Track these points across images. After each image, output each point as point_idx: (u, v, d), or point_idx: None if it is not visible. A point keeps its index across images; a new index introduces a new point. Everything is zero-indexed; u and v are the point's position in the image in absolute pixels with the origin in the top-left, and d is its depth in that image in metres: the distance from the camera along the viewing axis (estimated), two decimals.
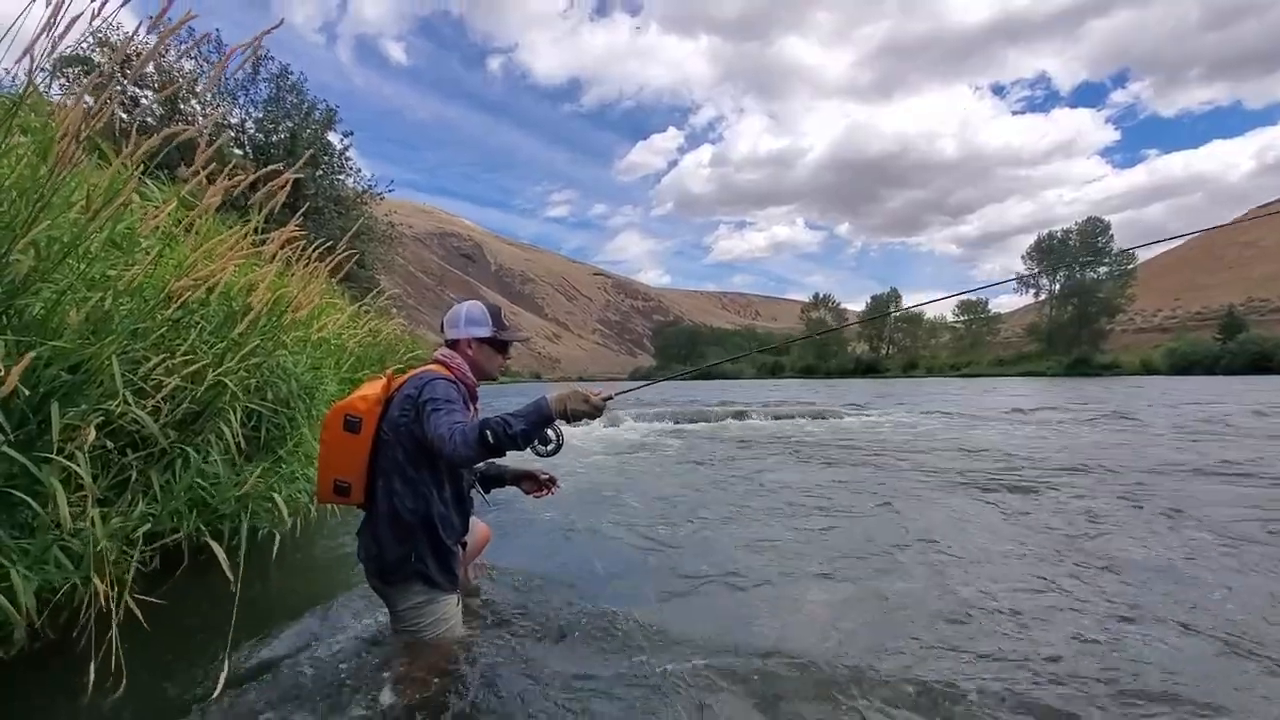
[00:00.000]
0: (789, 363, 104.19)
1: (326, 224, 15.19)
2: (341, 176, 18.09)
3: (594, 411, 1.89)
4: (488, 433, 1.77)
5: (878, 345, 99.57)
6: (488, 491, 2.61)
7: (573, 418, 1.88)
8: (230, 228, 3.29)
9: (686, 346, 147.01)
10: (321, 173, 16.99)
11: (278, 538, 2.87)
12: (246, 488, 2.67)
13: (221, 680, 1.74)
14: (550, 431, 2.03)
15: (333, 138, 17.80)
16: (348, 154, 18.10)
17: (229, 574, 2.04)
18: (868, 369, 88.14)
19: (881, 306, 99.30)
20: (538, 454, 2.09)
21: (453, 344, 2.23)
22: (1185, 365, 59.31)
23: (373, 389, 2.10)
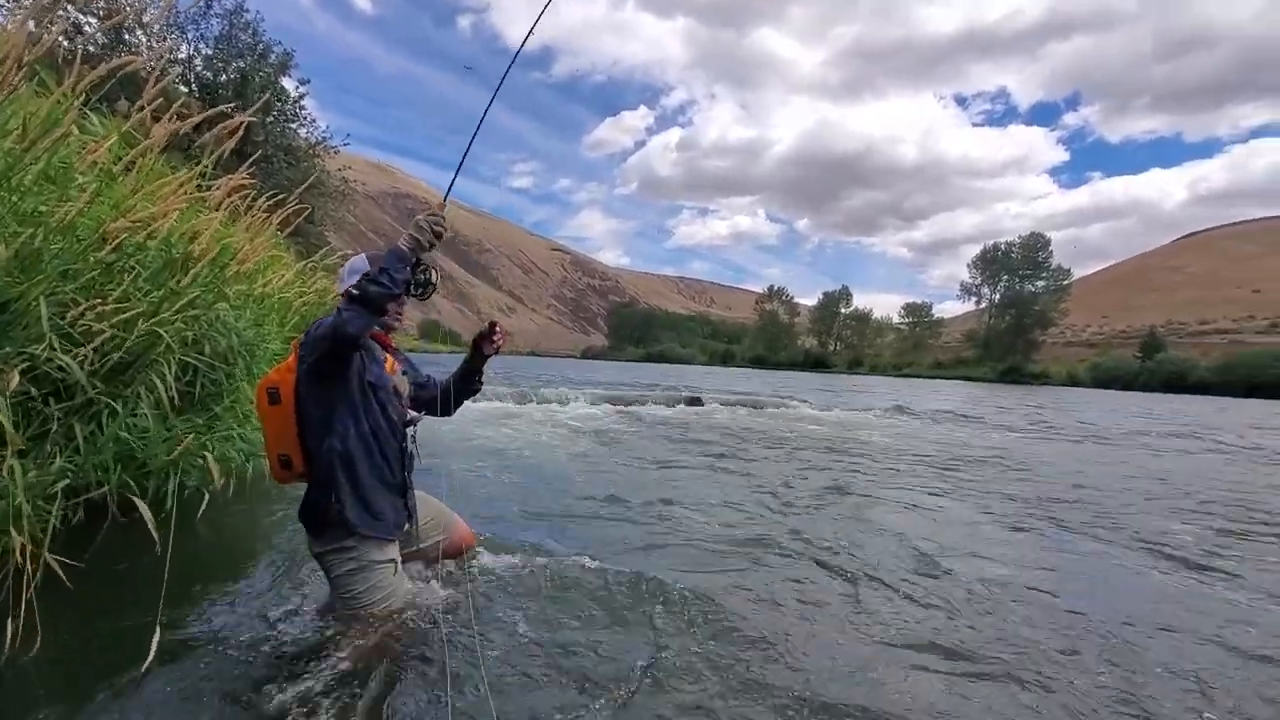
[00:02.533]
0: (740, 352, 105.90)
1: (275, 174, 14.52)
2: (294, 125, 17.30)
3: (432, 228, 1.95)
4: (351, 290, 1.87)
5: (826, 341, 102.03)
6: (462, 400, 2.49)
7: (421, 246, 1.94)
8: (174, 170, 3.13)
9: (640, 329, 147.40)
10: (273, 120, 16.21)
11: (206, 497, 2.78)
12: (181, 448, 2.57)
13: (154, 646, 1.68)
14: (421, 275, 2.04)
15: (287, 83, 16.98)
16: (302, 102, 17.31)
17: (154, 533, 1.98)
18: (816, 363, 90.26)
19: (833, 303, 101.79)
20: (417, 296, 2.11)
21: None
22: (1107, 380, 62.96)
23: (287, 359, 2.12)
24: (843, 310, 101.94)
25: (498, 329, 2.42)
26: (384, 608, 2.07)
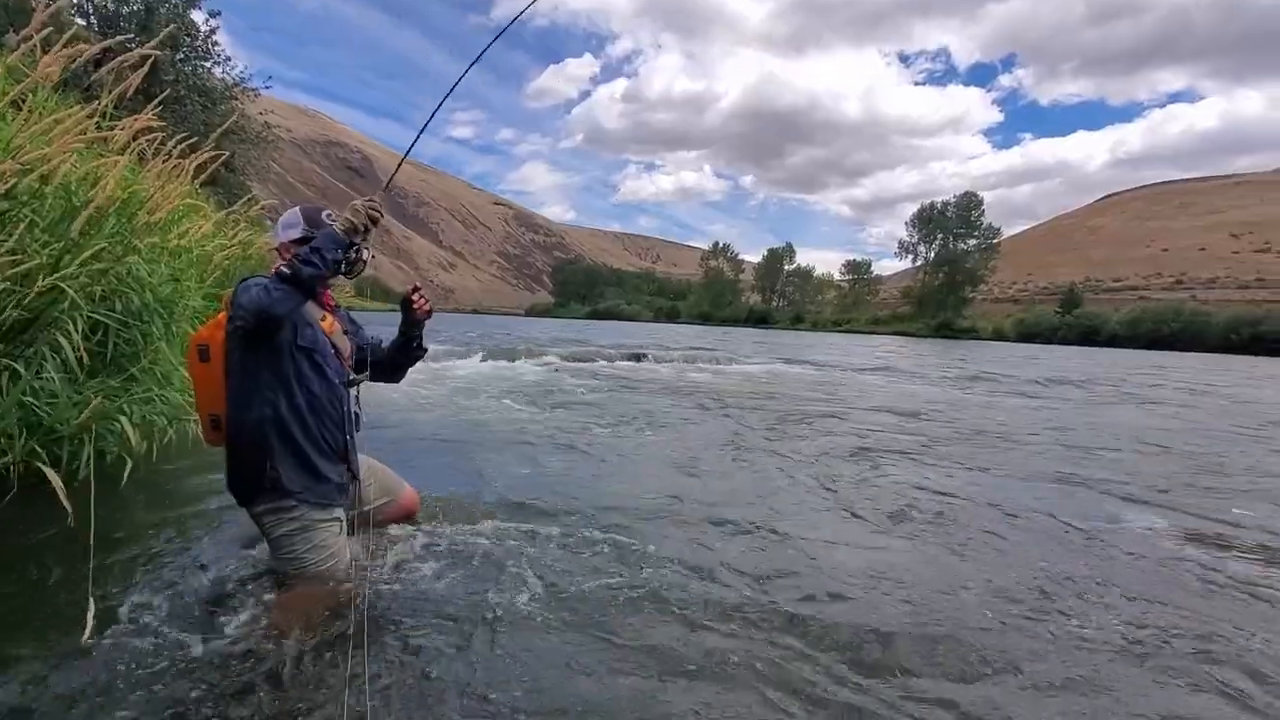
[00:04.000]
0: (685, 309, 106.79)
1: (189, 117, 13.42)
2: (208, 64, 15.96)
3: (368, 213, 1.97)
4: (282, 268, 1.84)
5: (770, 297, 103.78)
6: (405, 367, 2.43)
7: (356, 230, 1.96)
8: (71, 109, 2.84)
9: (585, 286, 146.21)
10: (182, 56, 14.90)
11: (129, 463, 2.63)
12: (89, 411, 2.40)
13: (90, 621, 1.59)
14: (352, 254, 2.02)
15: (196, 16, 15.59)
16: (215, 37, 15.95)
17: (66, 504, 1.85)
18: (759, 319, 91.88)
19: (776, 260, 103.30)
20: (347, 275, 2.08)
21: (279, 254, 2.14)
22: (1030, 334, 66.66)
23: (219, 315, 2.02)
24: (786, 267, 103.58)
25: (416, 294, 2.34)
26: (329, 568, 2.00)
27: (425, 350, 2.46)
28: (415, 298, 2.31)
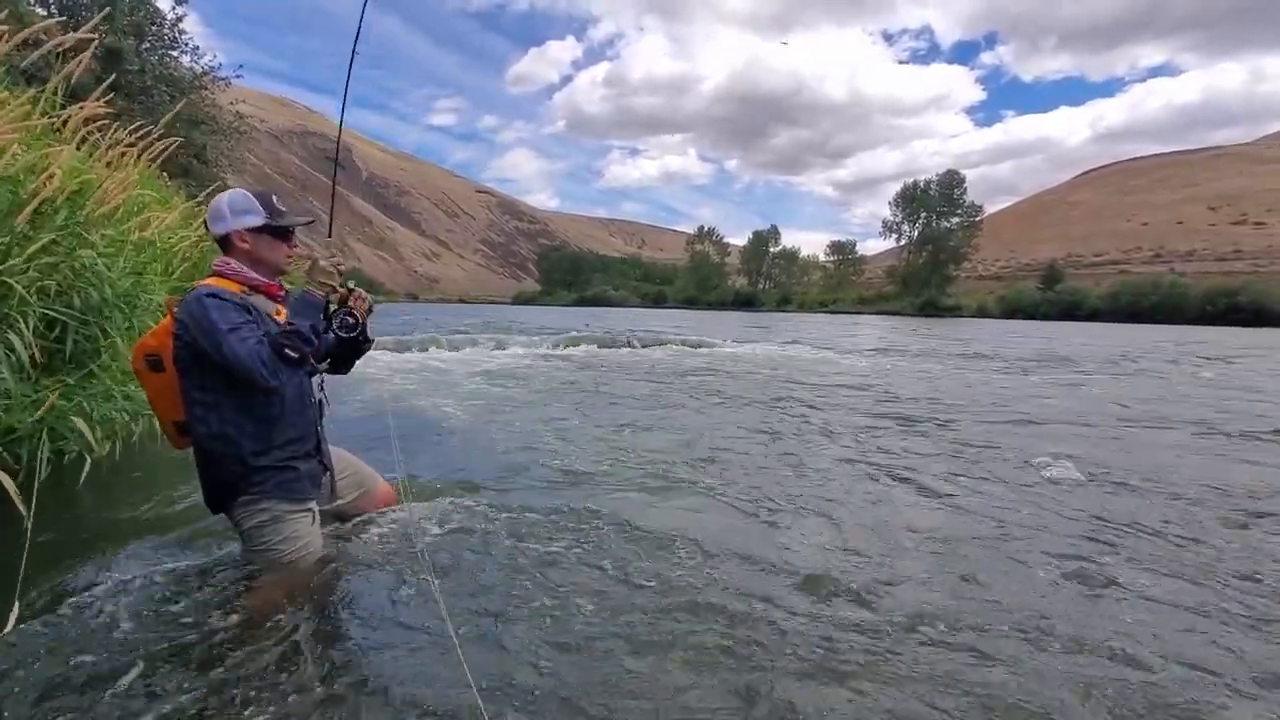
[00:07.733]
0: (671, 293, 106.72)
1: (157, 108, 13.10)
2: (175, 53, 15.58)
3: (332, 269, 2.02)
4: (287, 350, 1.78)
5: (756, 280, 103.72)
6: (350, 359, 2.23)
7: (335, 290, 2.00)
8: (13, 95, 2.73)
9: (571, 272, 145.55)
10: (148, 45, 14.53)
11: (87, 461, 2.56)
12: (44, 409, 2.32)
13: (13, 616, 1.53)
14: (348, 318, 2.01)
15: (162, 3, 15.20)
16: (181, 25, 15.56)
17: (20, 506, 1.79)
18: (746, 302, 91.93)
19: (762, 242, 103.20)
20: (343, 337, 2.01)
21: (223, 242, 1.98)
22: (1012, 310, 67.14)
23: (164, 321, 1.93)
24: (771, 249, 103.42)
25: (357, 295, 2.11)
26: (303, 557, 1.99)
27: (372, 342, 2.23)
28: (352, 300, 2.09)
